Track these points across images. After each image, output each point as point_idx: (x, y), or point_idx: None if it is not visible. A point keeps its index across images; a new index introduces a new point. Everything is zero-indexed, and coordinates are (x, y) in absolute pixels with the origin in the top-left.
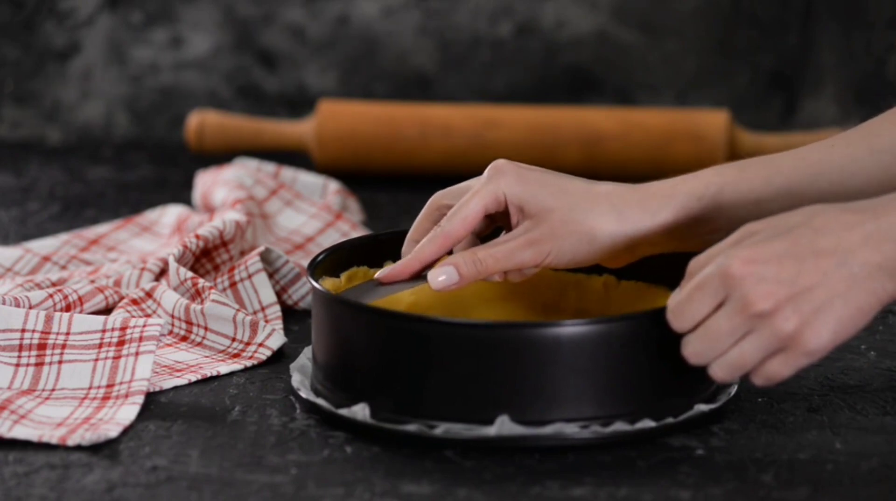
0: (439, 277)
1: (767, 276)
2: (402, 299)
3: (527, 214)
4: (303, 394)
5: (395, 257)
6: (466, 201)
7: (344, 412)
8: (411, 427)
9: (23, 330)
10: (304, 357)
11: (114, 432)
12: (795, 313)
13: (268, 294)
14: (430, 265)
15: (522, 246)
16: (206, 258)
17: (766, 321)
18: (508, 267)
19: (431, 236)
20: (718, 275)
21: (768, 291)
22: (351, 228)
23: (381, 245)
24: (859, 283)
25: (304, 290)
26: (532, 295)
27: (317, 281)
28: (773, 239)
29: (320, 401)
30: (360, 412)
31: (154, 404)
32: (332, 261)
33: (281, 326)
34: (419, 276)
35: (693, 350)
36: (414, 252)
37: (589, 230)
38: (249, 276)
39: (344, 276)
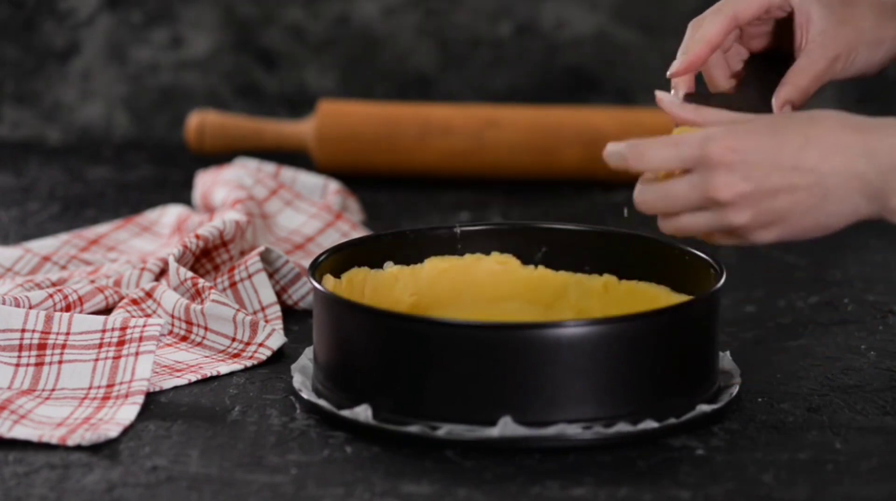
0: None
1: (739, 169)
2: (402, 300)
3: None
4: (304, 395)
5: (396, 257)
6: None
7: (346, 413)
8: (414, 429)
9: (23, 330)
10: (305, 358)
11: (114, 432)
12: (750, 211)
13: (268, 294)
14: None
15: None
16: (206, 258)
17: (721, 209)
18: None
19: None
20: (697, 146)
21: (732, 182)
22: (351, 228)
23: (382, 245)
24: (828, 200)
25: (304, 290)
26: (533, 295)
27: (318, 282)
28: (761, 134)
29: (322, 402)
30: (363, 413)
31: (154, 404)
32: (334, 261)
33: (281, 326)
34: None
35: (645, 200)
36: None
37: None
38: (249, 276)
39: (344, 277)
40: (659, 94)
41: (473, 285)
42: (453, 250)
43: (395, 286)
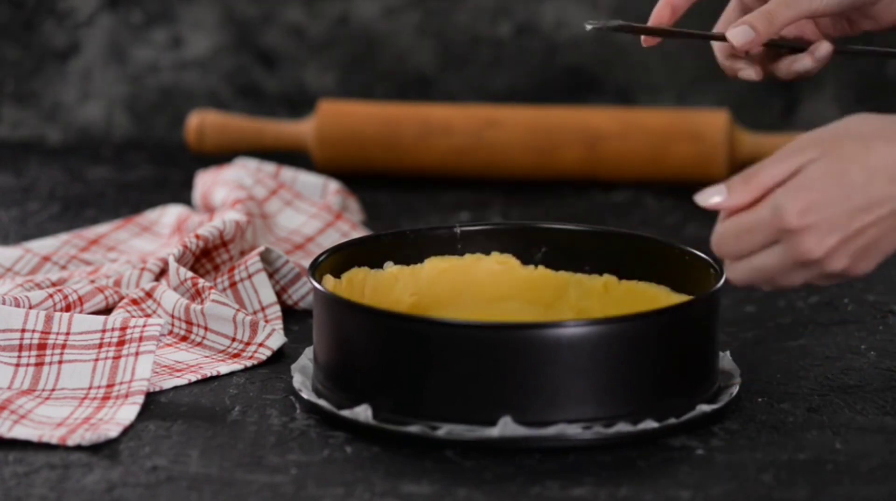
0: (737, 35)
1: (822, 226)
2: (402, 300)
3: None
4: (304, 395)
5: (396, 257)
6: None
7: (346, 413)
8: (414, 429)
9: (23, 330)
10: (305, 358)
11: (114, 432)
12: (845, 256)
13: (268, 294)
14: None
15: None
16: (206, 258)
17: (818, 264)
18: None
19: None
20: (771, 223)
21: (819, 241)
22: (351, 228)
23: (382, 245)
24: None
25: (304, 290)
26: (532, 295)
27: (318, 282)
28: (827, 183)
29: (322, 402)
30: (363, 413)
31: (154, 404)
32: (334, 261)
33: (281, 326)
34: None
35: (738, 277)
36: None
37: None
38: (249, 276)
39: (344, 277)
40: (698, 198)
41: (473, 285)
42: (453, 250)
43: (395, 286)
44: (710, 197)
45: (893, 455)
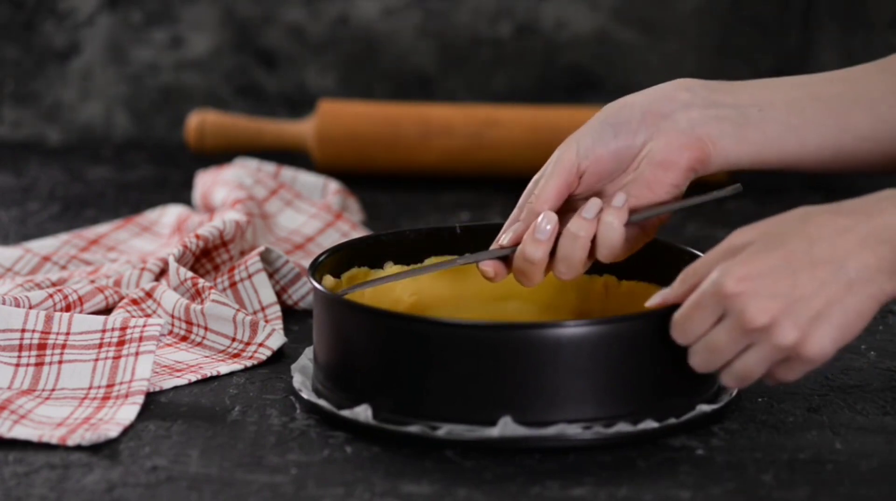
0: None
1: (762, 292)
2: (402, 300)
3: None
4: (304, 395)
5: (396, 257)
6: None
7: (346, 413)
8: (414, 429)
9: (23, 330)
10: (305, 358)
11: (114, 432)
12: (793, 325)
13: (268, 294)
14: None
15: None
16: (206, 258)
17: (765, 335)
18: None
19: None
20: (713, 294)
21: (764, 306)
22: (351, 228)
23: (382, 245)
24: (857, 288)
25: (304, 290)
26: (533, 295)
27: (318, 282)
28: (766, 252)
29: (322, 402)
30: (363, 413)
31: (154, 404)
32: (334, 261)
33: (281, 326)
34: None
35: (698, 362)
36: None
37: None
38: (249, 276)
39: (344, 277)
40: (648, 304)
41: (473, 285)
42: (453, 250)
43: (395, 286)
44: (655, 299)
45: (893, 455)
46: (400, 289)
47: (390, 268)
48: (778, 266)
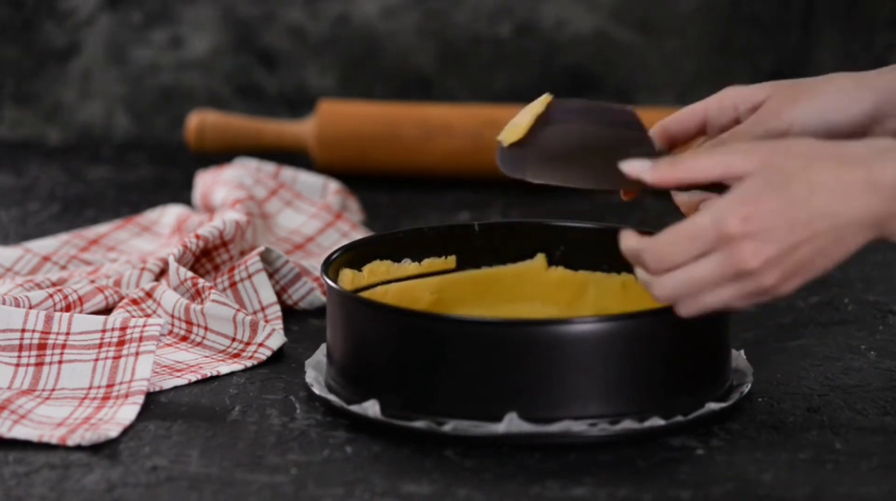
0: (634, 169)
1: (761, 236)
2: (423, 298)
3: None
4: (316, 390)
5: (411, 254)
6: None
7: (354, 408)
8: (420, 424)
9: (23, 330)
10: (321, 354)
11: (114, 432)
12: (780, 271)
13: (268, 294)
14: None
15: None
16: (206, 258)
17: (750, 277)
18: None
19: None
20: (714, 229)
21: (759, 250)
22: (351, 228)
23: (399, 243)
24: (844, 240)
25: (304, 290)
26: (552, 294)
27: (331, 278)
28: (768, 192)
29: (331, 397)
30: (371, 408)
31: (154, 404)
32: (346, 259)
33: (281, 326)
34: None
35: (666, 292)
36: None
37: None
38: (249, 276)
39: (366, 269)
40: (623, 164)
41: (495, 285)
42: (471, 248)
43: (417, 284)
44: (635, 167)
45: (893, 455)
46: (421, 287)
47: (408, 265)
48: (778, 211)
